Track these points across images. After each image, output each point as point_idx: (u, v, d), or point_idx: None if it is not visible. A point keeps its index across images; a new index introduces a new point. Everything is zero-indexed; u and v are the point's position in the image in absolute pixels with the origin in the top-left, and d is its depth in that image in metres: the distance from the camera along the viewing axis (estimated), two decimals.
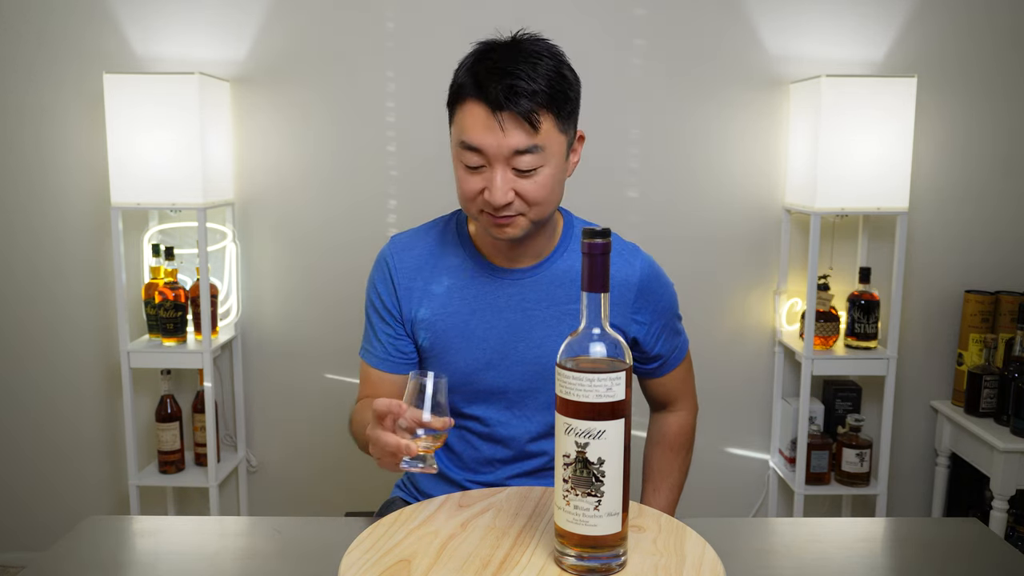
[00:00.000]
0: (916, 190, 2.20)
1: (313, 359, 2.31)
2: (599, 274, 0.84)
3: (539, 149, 1.12)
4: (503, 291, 1.24)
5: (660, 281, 1.29)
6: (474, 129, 1.11)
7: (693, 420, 1.42)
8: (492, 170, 1.12)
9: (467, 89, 1.12)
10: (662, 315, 1.29)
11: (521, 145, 1.10)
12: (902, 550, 1.11)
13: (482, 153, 1.11)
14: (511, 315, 1.24)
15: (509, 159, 1.11)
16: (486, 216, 1.15)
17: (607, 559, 0.85)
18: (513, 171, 1.12)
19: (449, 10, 2.19)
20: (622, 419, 0.83)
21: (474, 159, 1.12)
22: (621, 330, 1.26)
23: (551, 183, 1.15)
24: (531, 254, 1.25)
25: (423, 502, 1.04)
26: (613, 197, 2.25)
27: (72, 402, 2.36)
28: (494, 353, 1.24)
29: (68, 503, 2.39)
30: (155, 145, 2.00)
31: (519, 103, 1.09)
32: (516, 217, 1.15)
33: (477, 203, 1.15)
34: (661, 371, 1.35)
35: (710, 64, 2.22)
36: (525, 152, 1.11)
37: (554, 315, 1.24)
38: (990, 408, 2.13)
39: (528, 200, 1.13)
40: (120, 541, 1.11)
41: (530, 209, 1.15)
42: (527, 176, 1.12)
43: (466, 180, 1.15)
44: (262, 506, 2.40)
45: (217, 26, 2.19)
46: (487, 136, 1.10)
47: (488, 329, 1.24)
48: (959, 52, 2.21)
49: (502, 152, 1.10)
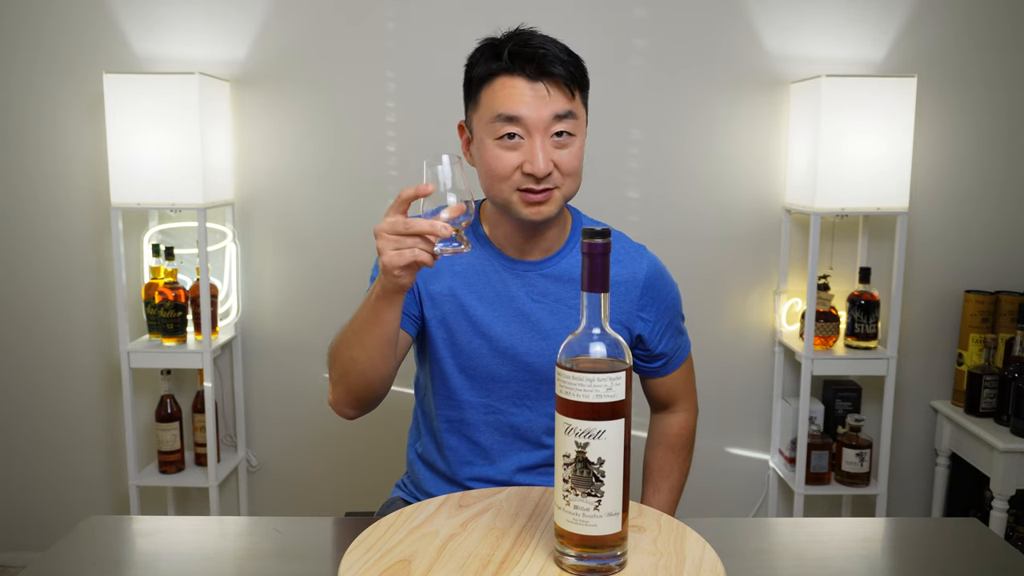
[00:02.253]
0: (916, 190, 2.20)
1: (313, 359, 2.31)
2: (599, 274, 0.84)
3: (575, 116, 1.15)
4: (513, 281, 1.25)
5: (665, 280, 1.31)
6: (511, 99, 1.12)
7: (694, 421, 1.42)
8: (531, 139, 1.13)
9: (497, 68, 1.14)
10: (667, 313, 1.31)
11: (562, 109, 1.13)
12: (902, 550, 1.11)
13: (521, 123, 1.13)
14: (520, 304, 1.25)
15: (548, 126, 1.13)
16: (520, 194, 1.15)
17: (607, 559, 0.85)
18: (551, 139, 1.14)
19: (449, 10, 2.19)
20: (622, 419, 0.83)
21: (512, 129, 1.13)
22: (627, 327, 1.27)
23: (581, 155, 1.18)
24: (542, 247, 1.26)
25: (423, 502, 1.04)
26: (613, 197, 2.25)
27: (72, 402, 2.36)
28: (500, 341, 1.24)
29: (68, 503, 2.39)
30: (155, 145, 2.00)
31: (557, 69, 1.13)
32: (552, 191, 1.16)
33: (513, 180, 1.15)
34: (664, 370, 1.35)
35: (710, 64, 2.22)
36: (565, 117, 1.14)
37: (562, 309, 1.25)
38: (990, 408, 2.13)
39: (563, 170, 1.15)
40: (120, 541, 1.11)
41: (564, 181, 1.16)
42: (564, 146, 1.15)
43: (501, 157, 1.14)
44: (262, 506, 2.40)
45: (217, 26, 2.19)
46: (527, 105, 1.12)
47: (496, 317, 1.24)
48: (959, 52, 2.21)
49: (543, 119, 1.13)
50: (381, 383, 1.17)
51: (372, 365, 1.13)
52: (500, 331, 1.24)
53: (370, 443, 2.30)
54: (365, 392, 1.17)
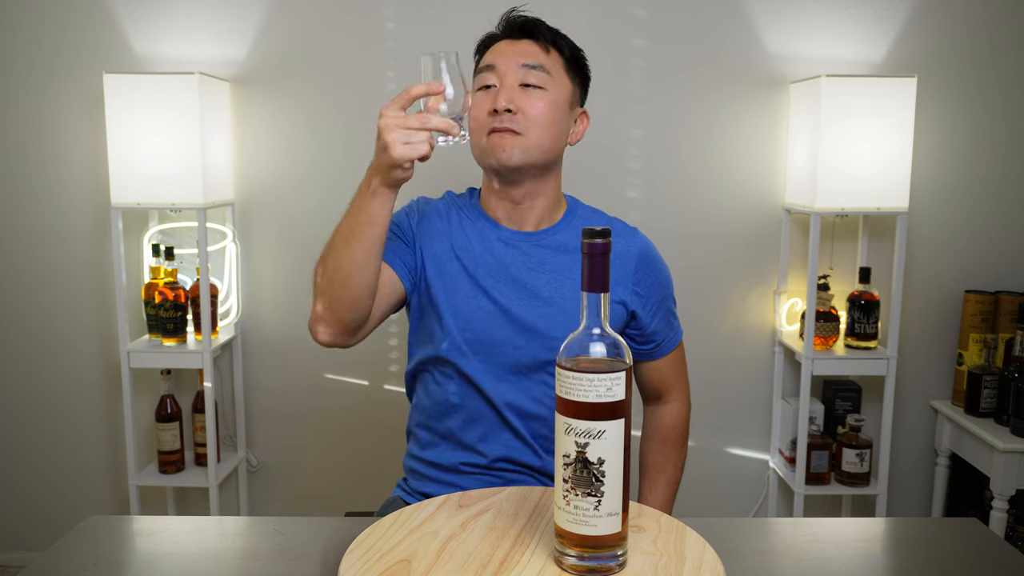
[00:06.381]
0: (916, 190, 2.20)
1: (313, 359, 2.31)
2: (599, 274, 0.84)
3: (545, 70, 1.25)
4: (510, 250, 1.29)
5: (658, 259, 1.35)
6: (492, 53, 1.28)
7: (687, 413, 1.42)
8: (501, 84, 1.24)
9: (491, 38, 1.31)
10: (659, 291, 1.33)
11: (531, 60, 1.24)
12: (902, 550, 1.11)
13: (495, 71, 1.24)
14: (516, 272, 1.27)
15: (516, 72, 1.24)
16: (490, 137, 1.23)
17: (607, 559, 0.85)
18: (520, 86, 1.23)
19: (449, 10, 2.19)
20: (622, 419, 0.83)
21: (489, 77, 1.25)
22: (623, 301, 1.29)
23: (551, 113, 1.24)
24: (533, 219, 1.30)
25: (423, 502, 1.04)
26: (614, 197, 2.25)
27: (72, 402, 2.36)
28: (496, 303, 1.26)
29: (68, 503, 2.39)
30: (155, 145, 2.00)
31: (537, 30, 1.27)
32: (515, 136, 1.22)
33: (484, 122, 1.23)
34: (656, 352, 1.36)
35: (710, 64, 2.22)
36: (535, 68, 1.24)
37: (556, 279, 1.27)
38: (990, 408, 2.13)
39: (528, 116, 1.22)
40: (120, 541, 1.11)
41: (529, 128, 1.22)
42: (529, 92, 1.23)
43: (479, 103, 1.25)
44: (262, 506, 2.40)
45: (217, 26, 2.19)
46: (503, 55, 1.26)
47: (494, 282, 1.26)
48: (959, 52, 2.21)
49: (511, 65, 1.24)
50: (364, 297, 1.15)
51: (357, 270, 1.13)
52: (495, 297, 1.26)
53: (370, 443, 2.30)
54: (347, 306, 1.15)
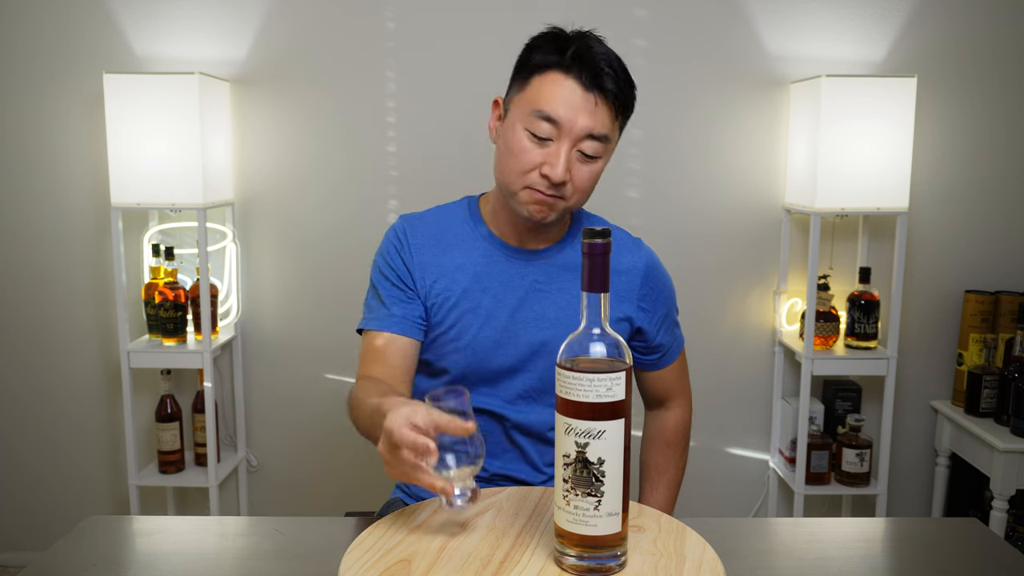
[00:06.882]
0: (916, 190, 2.20)
1: (313, 359, 2.31)
2: (599, 274, 0.84)
3: (608, 140, 1.16)
4: (515, 269, 1.26)
5: (662, 271, 1.34)
6: (557, 100, 1.12)
7: (689, 417, 1.43)
8: (559, 145, 1.14)
9: (556, 62, 1.13)
10: (664, 304, 1.33)
11: (598, 130, 1.14)
12: (902, 550, 1.11)
13: (557, 126, 1.13)
14: (522, 292, 1.25)
15: (578, 140, 1.14)
16: (530, 192, 1.16)
17: (607, 559, 0.85)
18: (577, 152, 1.14)
19: (449, 10, 2.18)
20: (622, 419, 0.83)
21: (546, 129, 1.13)
22: (628, 318, 1.28)
23: (597, 178, 1.19)
24: (543, 237, 1.27)
25: (423, 502, 1.04)
26: (614, 197, 2.25)
27: (72, 402, 2.36)
28: (504, 330, 1.24)
29: (68, 503, 2.39)
30: (155, 145, 2.00)
31: (609, 84, 1.13)
32: (559, 200, 1.17)
33: (528, 177, 1.16)
34: (661, 363, 1.36)
35: (710, 64, 2.22)
36: (597, 139, 1.14)
37: (564, 298, 1.26)
38: (990, 408, 2.13)
39: (576, 185, 1.17)
40: (120, 541, 1.11)
41: (573, 195, 1.18)
42: (585, 163, 1.16)
43: (527, 151, 1.15)
44: (262, 506, 2.40)
45: (217, 26, 2.19)
46: (571, 110, 1.12)
47: (499, 305, 1.24)
48: (959, 52, 2.21)
49: (576, 128, 1.13)
50: None
51: None
52: (502, 322, 1.24)
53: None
54: None
